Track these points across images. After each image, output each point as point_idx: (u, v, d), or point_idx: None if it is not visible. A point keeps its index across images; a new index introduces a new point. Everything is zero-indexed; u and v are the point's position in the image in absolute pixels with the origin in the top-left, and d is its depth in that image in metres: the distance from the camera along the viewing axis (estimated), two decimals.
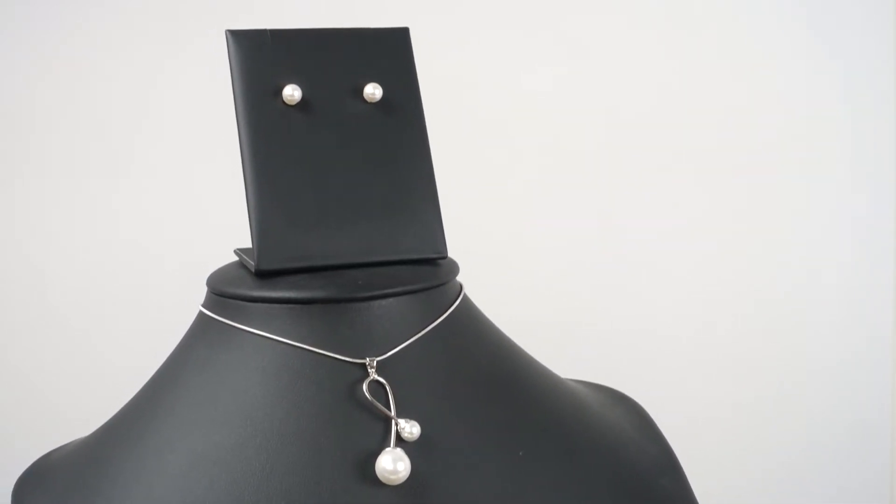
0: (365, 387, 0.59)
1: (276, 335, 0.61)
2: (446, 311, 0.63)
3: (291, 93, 0.64)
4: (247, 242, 1.16)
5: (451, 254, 0.67)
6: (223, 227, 1.17)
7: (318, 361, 0.60)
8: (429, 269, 0.64)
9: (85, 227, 1.16)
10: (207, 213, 1.16)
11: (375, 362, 0.60)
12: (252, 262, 0.63)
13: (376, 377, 0.59)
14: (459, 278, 0.67)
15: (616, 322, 1.17)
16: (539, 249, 1.16)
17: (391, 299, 0.61)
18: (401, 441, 0.58)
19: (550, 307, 1.16)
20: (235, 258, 0.71)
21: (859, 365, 1.19)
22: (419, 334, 0.61)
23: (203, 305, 0.66)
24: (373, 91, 0.65)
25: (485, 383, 0.62)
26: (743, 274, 1.17)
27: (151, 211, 1.16)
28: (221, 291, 0.64)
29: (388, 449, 0.58)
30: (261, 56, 0.65)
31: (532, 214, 1.16)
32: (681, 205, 1.16)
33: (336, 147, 0.64)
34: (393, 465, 0.57)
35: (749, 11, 1.15)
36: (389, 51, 0.66)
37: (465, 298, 0.65)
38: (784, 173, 1.16)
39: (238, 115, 0.64)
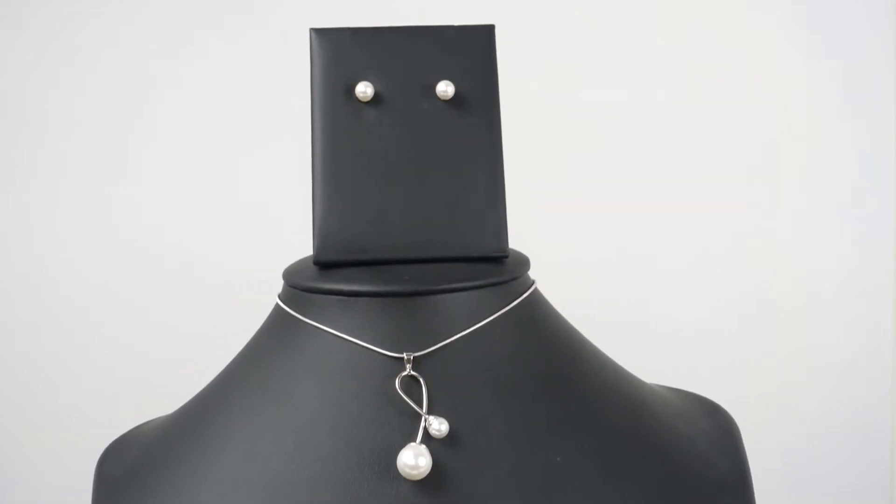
0: (397, 381, 0.60)
1: (326, 326, 0.62)
2: (500, 309, 0.63)
3: (364, 90, 0.65)
4: (242, 242, 1.16)
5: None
6: (222, 227, 1.17)
7: (361, 354, 0.61)
8: (486, 267, 0.64)
9: (85, 227, 1.16)
10: (207, 213, 1.16)
11: (412, 357, 0.60)
12: None
13: (411, 372, 0.60)
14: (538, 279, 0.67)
15: (613, 318, 1.17)
16: (541, 244, 1.16)
17: (438, 296, 0.62)
18: (429, 437, 0.59)
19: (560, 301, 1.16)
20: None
21: (859, 364, 1.19)
22: (464, 332, 0.62)
23: (278, 295, 0.67)
24: (445, 88, 0.65)
25: (535, 384, 0.62)
26: (743, 273, 1.17)
27: (150, 211, 1.16)
28: (289, 281, 0.65)
29: (411, 444, 0.58)
30: (340, 54, 0.66)
31: (537, 212, 1.16)
32: (680, 204, 1.16)
33: (404, 144, 0.65)
34: (414, 459, 0.58)
35: (749, 10, 1.15)
36: (470, 48, 0.66)
37: (531, 298, 0.65)
38: (784, 172, 1.16)
39: (313, 111, 0.66)
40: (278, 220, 1.15)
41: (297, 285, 0.64)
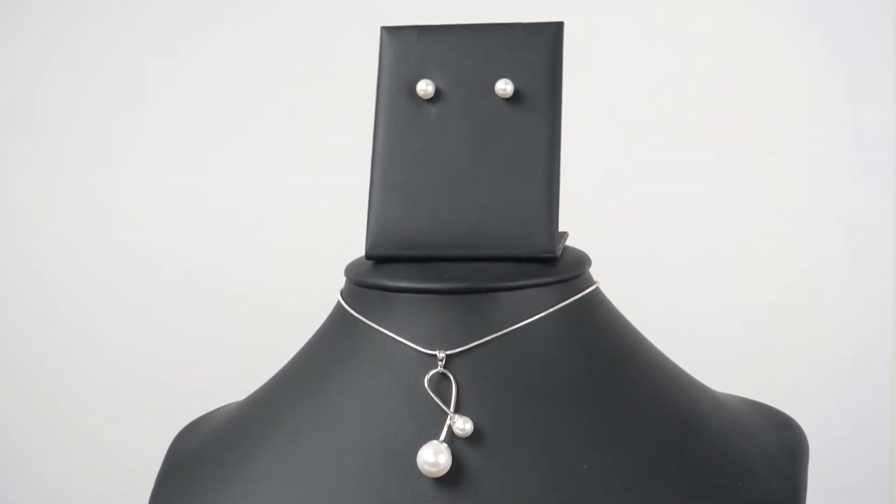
0: (426, 379, 0.60)
1: (370, 320, 0.63)
2: (544, 310, 0.62)
3: (425, 87, 0.65)
4: (237, 243, 1.16)
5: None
6: (222, 228, 1.17)
7: (398, 349, 0.61)
8: (534, 268, 0.63)
9: (84, 228, 1.16)
10: (205, 214, 1.16)
11: (445, 355, 0.60)
12: None
13: (442, 370, 0.60)
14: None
15: None
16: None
17: (476, 294, 0.61)
18: (454, 436, 0.59)
19: None
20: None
21: (860, 364, 1.19)
22: (501, 332, 0.61)
23: (341, 290, 0.67)
24: (504, 87, 0.65)
25: (573, 388, 0.61)
26: (744, 274, 1.18)
27: (149, 212, 1.17)
28: (347, 275, 0.66)
29: (432, 441, 0.59)
30: (406, 52, 0.66)
31: None
32: (681, 204, 1.16)
33: (461, 141, 0.65)
34: (434, 457, 0.58)
35: (749, 10, 1.15)
36: (535, 46, 0.66)
37: (586, 300, 0.65)
38: (783, 171, 1.17)
39: (376, 108, 0.66)
40: (308, 220, 1.15)
41: (351, 280, 0.65)
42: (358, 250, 0.68)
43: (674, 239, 1.17)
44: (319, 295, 1.15)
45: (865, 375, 1.19)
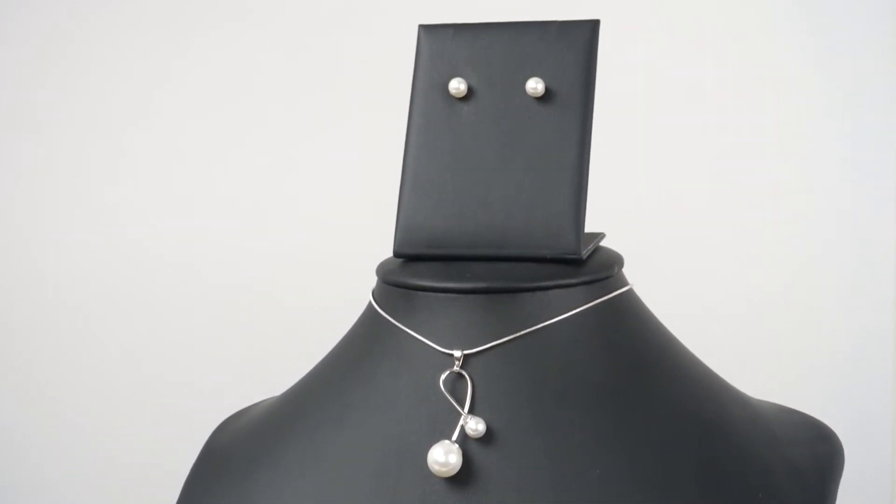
0: (442, 378, 0.60)
1: (394, 318, 0.63)
2: (565, 312, 0.62)
3: (457, 85, 0.65)
4: (239, 243, 1.17)
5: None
6: (222, 229, 1.17)
7: (418, 348, 0.62)
8: (558, 269, 0.63)
9: (84, 228, 1.16)
10: (205, 214, 1.17)
11: (462, 355, 0.60)
12: None
13: (458, 370, 0.60)
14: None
15: None
16: None
17: (497, 295, 0.61)
18: (467, 436, 0.59)
19: None
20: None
21: (860, 363, 1.19)
22: (519, 333, 0.61)
23: (373, 287, 0.68)
24: (534, 86, 0.65)
25: (590, 392, 0.61)
26: (743, 271, 1.18)
27: (149, 212, 1.17)
28: (378, 273, 0.66)
29: (443, 441, 0.59)
30: (441, 50, 0.66)
31: None
32: (679, 203, 1.17)
33: (491, 140, 0.65)
34: (444, 457, 0.58)
35: (749, 10, 1.15)
36: (569, 45, 0.66)
37: (613, 302, 0.64)
38: (784, 170, 1.17)
39: (410, 106, 0.66)
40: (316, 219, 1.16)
41: (382, 277, 0.65)
42: (361, 251, 0.68)
43: (669, 237, 1.17)
44: (319, 295, 1.15)
45: (866, 374, 1.19)
